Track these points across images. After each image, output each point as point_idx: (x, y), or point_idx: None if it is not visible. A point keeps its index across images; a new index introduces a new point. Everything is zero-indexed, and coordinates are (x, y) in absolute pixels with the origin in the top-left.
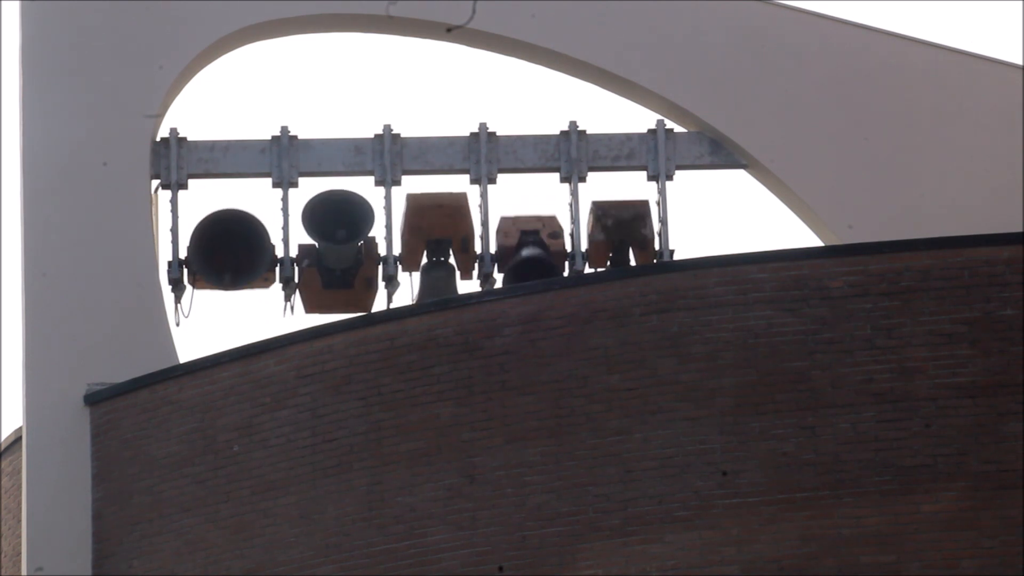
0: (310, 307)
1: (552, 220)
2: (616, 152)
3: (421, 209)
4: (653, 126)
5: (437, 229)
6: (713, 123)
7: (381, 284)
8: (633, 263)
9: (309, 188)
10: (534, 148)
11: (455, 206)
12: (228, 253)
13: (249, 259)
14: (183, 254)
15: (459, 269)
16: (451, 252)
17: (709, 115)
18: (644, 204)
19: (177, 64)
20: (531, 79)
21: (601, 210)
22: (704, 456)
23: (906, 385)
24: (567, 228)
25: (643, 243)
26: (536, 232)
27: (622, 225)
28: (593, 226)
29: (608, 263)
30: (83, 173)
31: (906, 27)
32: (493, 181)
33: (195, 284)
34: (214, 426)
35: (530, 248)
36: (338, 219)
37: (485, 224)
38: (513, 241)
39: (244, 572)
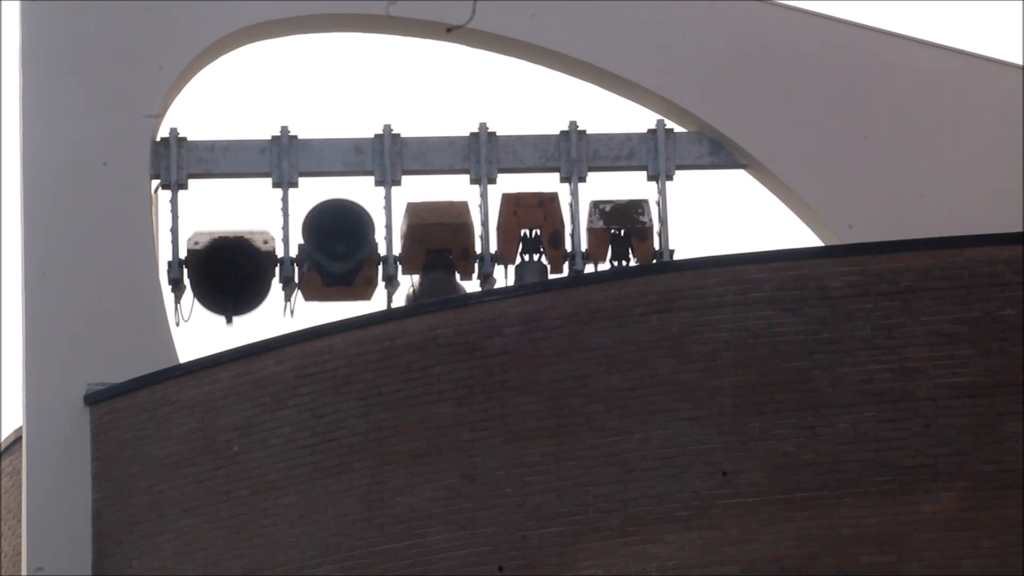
0: (310, 298)
1: (553, 197)
2: (616, 152)
3: (422, 224)
4: (653, 126)
5: (435, 241)
6: (713, 123)
7: (381, 284)
8: (633, 261)
9: (309, 188)
10: (534, 148)
11: (457, 221)
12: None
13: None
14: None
15: (459, 273)
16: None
17: (709, 115)
18: (642, 201)
19: (177, 64)
20: (531, 79)
21: (600, 202)
22: (704, 456)
23: (906, 385)
24: (567, 225)
25: (642, 234)
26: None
27: (620, 211)
28: (592, 214)
29: (608, 256)
30: (83, 173)
31: (906, 27)
32: (493, 181)
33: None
34: (214, 426)
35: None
36: (338, 229)
37: (485, 224)
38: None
39: (244, 572)
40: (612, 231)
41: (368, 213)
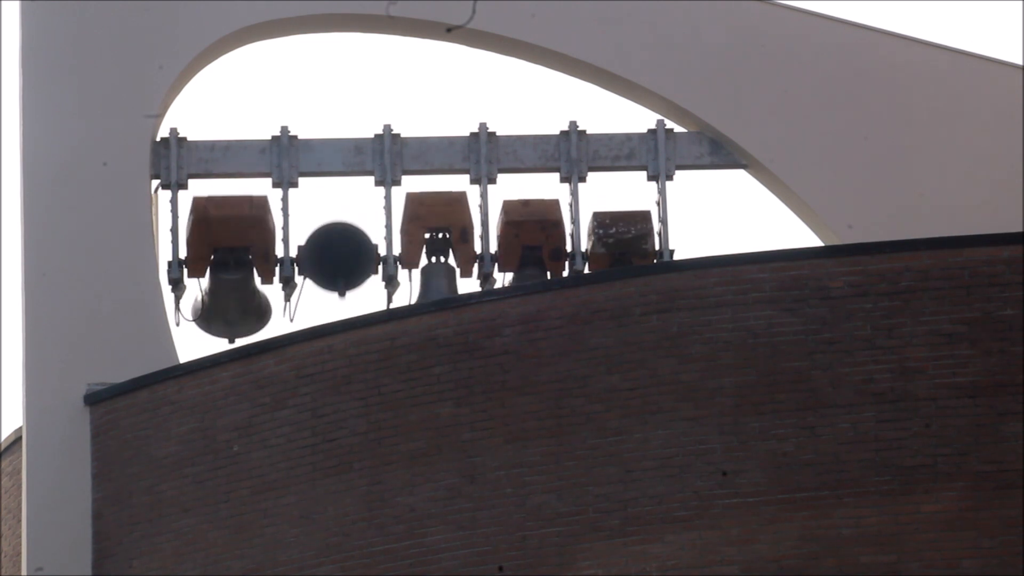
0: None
1: (557, 222)
2: (616, 152)
3: (419, 200)
4: (653, 126)
5: (433, 217)
6: (713, 123)
7: (381, 284)
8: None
9: (309, 188)
10: (534, 148)
11: (453, 195)
12: (337, 260)
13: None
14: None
15: (458, 264)
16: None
17: (709, 115)
18: (646, 218)
19: (177, 64)
20: (531, 79)
21: (602, 227)
22: (704, 456)
23: (906, 385)
24: (567, 226)
25: (644, 256)
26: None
27: (623, 244)
28: (594, 243)
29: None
30: (83, 173)
31: (906, 27)
32: (493, 181)
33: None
34: (214, 426)
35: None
36: (337, 260)
37: (485, 224)
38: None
39: (244, 572)
40: (614, 256)
41: (368, 242)
